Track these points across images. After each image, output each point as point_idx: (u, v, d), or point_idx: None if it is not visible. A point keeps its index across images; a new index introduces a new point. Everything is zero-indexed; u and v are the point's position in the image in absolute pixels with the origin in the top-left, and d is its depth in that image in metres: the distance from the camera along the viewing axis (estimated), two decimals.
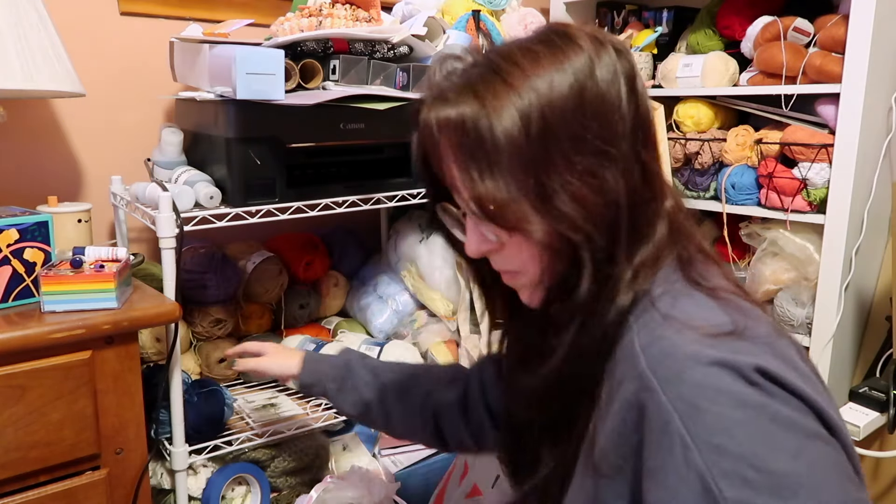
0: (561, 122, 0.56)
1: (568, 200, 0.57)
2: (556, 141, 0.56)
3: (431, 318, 1.52)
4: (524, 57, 0.58)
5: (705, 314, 0.56)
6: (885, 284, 1.52)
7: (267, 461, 1.28)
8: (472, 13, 1.43)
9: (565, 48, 0.58)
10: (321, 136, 1.21)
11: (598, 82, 0.58)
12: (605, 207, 0.58)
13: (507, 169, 0.57)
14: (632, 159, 0.59)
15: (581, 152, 0.57)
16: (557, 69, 0.57)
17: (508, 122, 0.56)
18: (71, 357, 0.93)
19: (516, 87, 0.57)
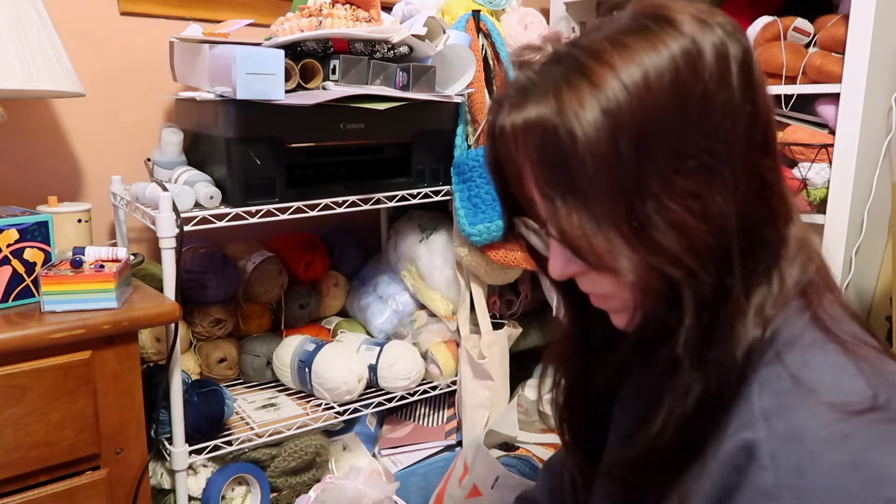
0: (656, 129, 0.47)
1: (666, 229, 0.47)
2: (651, 154, 0.47)
3: (431, 318, 1.52)
4: (615, 50, 0.48)
5: (841, 381, 0.46)
6: (885, 284, 1.52)
7: (267, 461, 1.28)
8: (472, 13, 1.43)
9: (663, 35, 0.48)
10: (321, 136, 1.21)
11: (702, 75, 0.47)
12: (711, 236, 0.48)
13: (592, 194, 0.48)
14: (746, 172, 0.49)
15: (682, 168, 0.47)
16: (653, 58, 0.47)
17: (593, 133, 0.47)
18: (71, 357, 0.93)
19: (602, 86, 0.47)
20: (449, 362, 1.46)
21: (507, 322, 1.54)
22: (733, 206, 0.48)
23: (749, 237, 0.49)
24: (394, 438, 1.50)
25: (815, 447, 0.43)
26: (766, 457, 0.44)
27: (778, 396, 0.47)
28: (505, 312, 1.57)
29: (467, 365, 1.45)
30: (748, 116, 0.49)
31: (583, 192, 0.48)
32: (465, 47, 1.31)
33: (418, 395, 1.44)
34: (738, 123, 0.48)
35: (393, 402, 1.40)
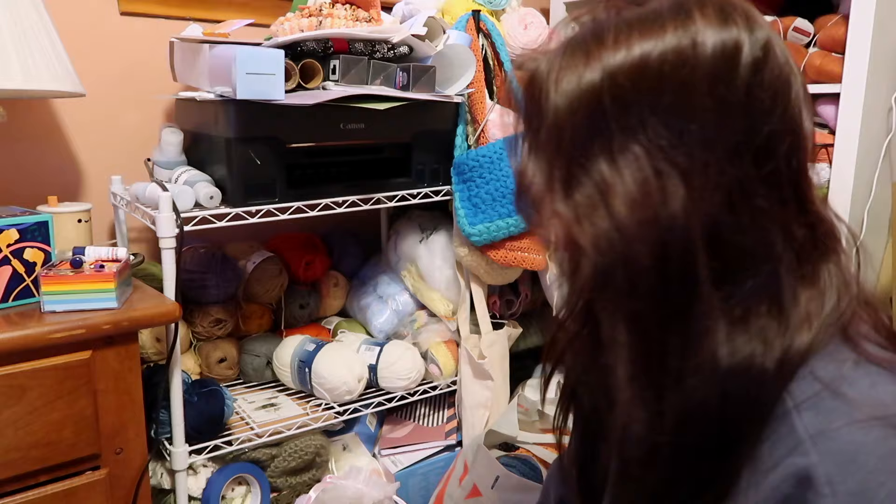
0: (619, 99, 0.47)
1: (599, 205, 0.47)
2: (605, 120, 0.48)
3: (431, 318, 1.52)
4: (620, 26, 0.49)
5: (885, 392, 0.44)
6: (885, 284, 1.52)
7: (267, 461, 1.28)
8: (472, 13, 1.43)
9: (671, 19, 0.48)
10: (321, 136, 1.21)
11: (694, 56, 0.47)
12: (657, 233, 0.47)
13: (544, 144, 0.51)
14: (722, 178, 0.46)
15: (634, 142, 0.47)
16: (645, 39, 0.48)
17: (561, 96, 0.49)
18: (71, 357, 0.93)
19: (588, 59, 0.49)
20: (449, 362, 1.46)
21: (507, 322, 1.54)
22: (691, 206, 0.46)
23: (718, 242, 0.47)
24: (394, 438, 1.50)
25: (873, 466, 0.41)
26: (824, 483, 0.41)
27: (821, 414, 0.44)
28: (505, 312, 1.57)
29: (467, 365, 1.45)
30: (742, 124, 0.47)
31: (539, 141, 0.51)
32: (465, 47, 1.31)
33: (418, 395, 1.44)
34: (730, 112, 0.47)
35: (393, 402, 1.40)
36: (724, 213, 0.47)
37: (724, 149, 0.47)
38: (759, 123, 0.47)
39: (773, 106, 0.48)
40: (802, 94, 0.50)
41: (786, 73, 0.49)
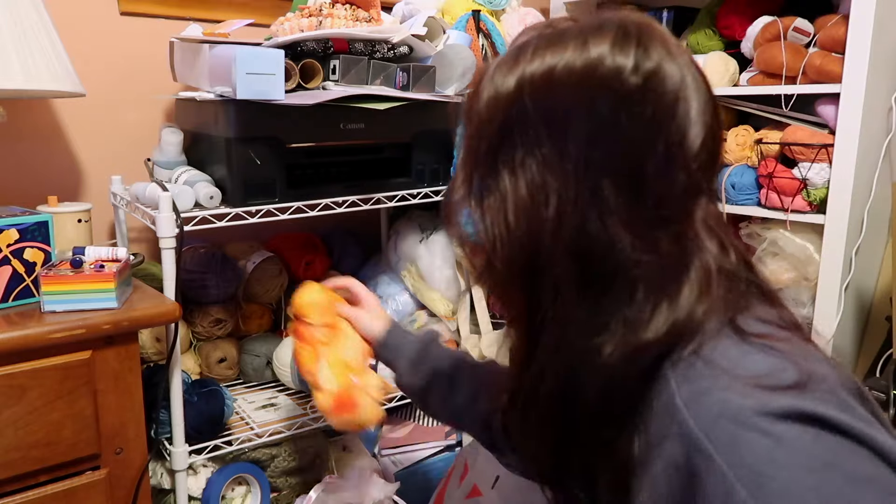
0: (519, 116, 0.53)
1: (497, 209, 0.54)
2: (508, 135, 0.53)
3: (431, 318, 1.52)
4: (540, 42, 0.54)
5: (757, 362, 0.48)
6: (885, 284, 1.52)
7: (267, 461, 1.28)
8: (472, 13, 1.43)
9: (575, 38, 0.52)
10: (321, 136, 1.21)
11: (578, 72, 0.51)
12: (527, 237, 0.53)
13: (465, 147, 0.58)
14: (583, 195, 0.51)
15: (528, 157, 0.53)
16: (551, 56, 0.52)
17: (481, 105, 0.56)
18: (71, 357, 0.93)
19: (506, 72, 0.54)
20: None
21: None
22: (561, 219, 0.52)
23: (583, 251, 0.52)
24: (394, 438, 1.50)
25: (741, 419, 0.44)
26: (703, 441, 0.45)
27: (694, 383, 0.48)
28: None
29: None
30: (616, 147, 0.51)
31: (467, 150, 0.58)
32: (465, 47, 1.31)
33: None
34: (597, 149, 0.51)
35: (393, 402, 1.40)
36: (592, 226, 0.51)
37: (598, 168, 0.51)
38: (633, 148, 0.51)
39: (651, 135, 0.51)
40: (694, 122, 0.52)
41: (668, 104, 0.51)
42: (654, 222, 0.52)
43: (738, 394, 0.45)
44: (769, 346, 0.49)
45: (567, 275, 0.52)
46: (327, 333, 0.98)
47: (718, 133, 0.55)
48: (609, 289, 0.52)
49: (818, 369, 0.48)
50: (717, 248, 0.54)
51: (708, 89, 0.54)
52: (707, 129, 0.52)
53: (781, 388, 0.45)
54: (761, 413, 0.44)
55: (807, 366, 0.47)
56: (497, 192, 0.55)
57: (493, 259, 0.56)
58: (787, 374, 0.46)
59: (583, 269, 0.52)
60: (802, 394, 0.45)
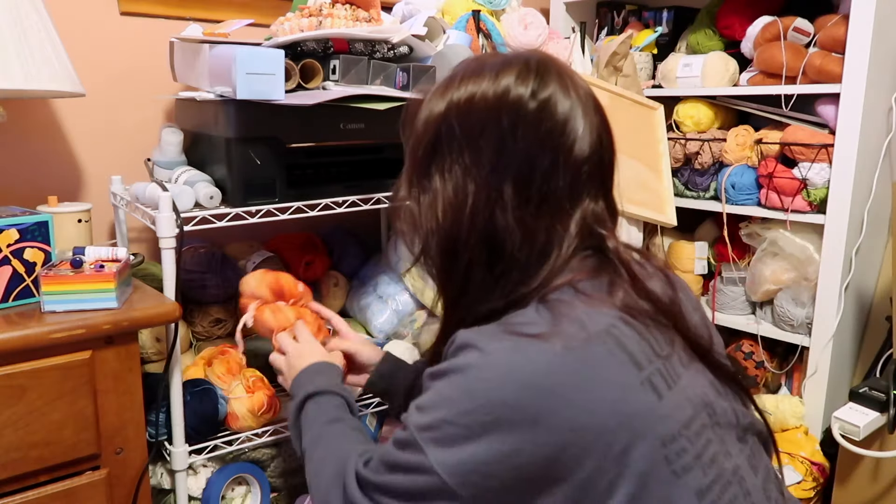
0: (449, 131, 0.68)
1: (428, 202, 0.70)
2: (441, 143, 0.68)
3: (431, 318, 1.52)
4: (467, 72, 0.69)
5: (528, 321, 0.63)
6: (885, 284, 1.52)
7: (267, 461, 1.28)
8: (472, 13, 1.43)
9: (491, 71, 0.67)
10: (321, 136, 1.21)
11: (487, 99, 0.66)
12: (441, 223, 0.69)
13: (407, 151, 0.73)
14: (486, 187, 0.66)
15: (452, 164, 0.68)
16: (472, 85, 0.67)
17: (421, 122, 0.71)
18: (71, 357, 0.93)
19: (440, 97, 0.70)
20: None
21: None
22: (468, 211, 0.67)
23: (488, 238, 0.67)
24: None
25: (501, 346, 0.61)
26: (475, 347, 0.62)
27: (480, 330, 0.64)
28: None
29: None
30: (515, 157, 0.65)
31: (407, 157, 0.73)
32: (465, 47, 1.32)
33: None
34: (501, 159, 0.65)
35: None
36: (497, 220, 0.66)
37: (502, 173, 0.65)
38: (527, 158, 0.65)
39: (542, 149, 0.65)
40: (581, 139, 0.66)
41: (559, 125, 0.66)
42: (537, 218, 0.66)
43: (488, 332, 0.63)
44: (552, 306, 0.64)
45: (479, 257, 0.67)
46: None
47: (608, 148, 0.69)
48: (504, 266, 0.67)
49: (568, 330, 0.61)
50: (577, 239, 0.67)
51: (598, 114, 0.69)
52: (593, 145, 0.67)
53: (518, 334, 0.61)
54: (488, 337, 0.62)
55: (560, 327, 0.61)
56: (430, 191, 0.69)
57: (426, 244, 0.71)
58: (535, 328, 0.61)
59: (489, 252, 0.67)
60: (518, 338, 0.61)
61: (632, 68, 1.57)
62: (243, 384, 1.24)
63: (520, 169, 0.65)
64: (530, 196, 0.65)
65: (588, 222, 0.68)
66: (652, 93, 1.65)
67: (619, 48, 1.52)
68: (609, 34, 1.83)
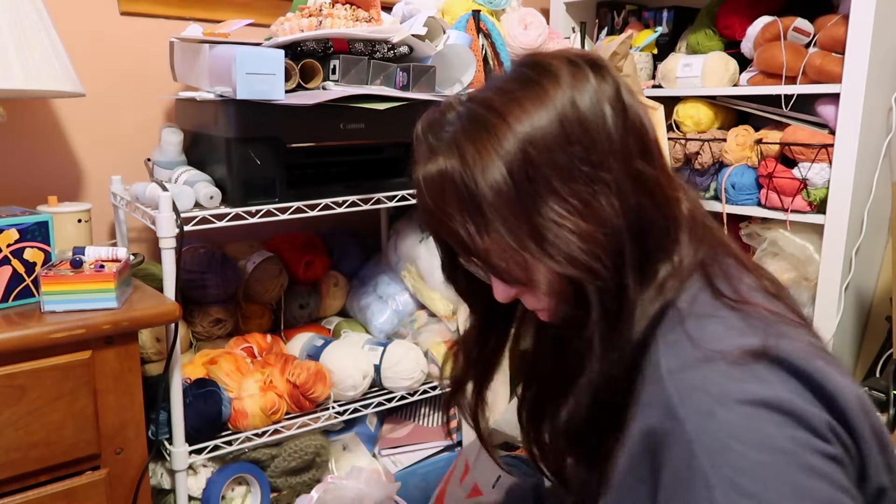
0: (545, 157, 0.56)
1: (565, 235, 0.56)
2: (543, 177, 0.56)
3: (431, 318, 1.52)
4: (502, 100, 0.58)
5: (732, 337, 0.53)
6: (885, 284, 1.52)
7: (267, 461, 1.28)
8: (472, 13, 1.43)
9: (542, 81, 0.58)
10: (321, 136, 1.21)
11: (579, 108, 0.57)
12: (603, 235, 0.56)
13: (500, 219, 0.57)
14: (625, 175, 0.58)
15: (569, 182, 0.56)
16: (537, 106, 0.57)
17: (492, 172, 0.56)
18: (71, 357, 0.93)
19: (497, 135, 0.57)
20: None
21: None
22: (618, 206, 0.57)
23: (640, 225, 0.58)
24: (394, 438, 1.50)
25: (719, 391, 0.49)
26: (678, 406, 0.49)
27: (679, 354, 0.53)
28: None
29: None
30: (621, 129, 0.58)
31: (491, 221, 0.58)
32: (465, 47, 1.32)
33: (419, 395, 1.44)
34: (612, 136, 0.58)
35: (393, 402, 1.40)
36: (636, 197, 0.58)
37: (621, 165, 0.58)
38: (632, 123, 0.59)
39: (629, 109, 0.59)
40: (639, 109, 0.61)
41: (622, 88, 0.60)
42: (659, 175, 0.60)
43: (717, 372, 0.50)
44: (747, 314, 0.55)
45: (631, 256, 0.57)
46: None
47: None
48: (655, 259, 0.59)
49: (792, 341, 0.52)
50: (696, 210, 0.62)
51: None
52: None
53: (753, 360, 0.50)
54: (735, 394, 0.48)
55: (781, 339, 0.52)
56: (555, 225, 0.57)
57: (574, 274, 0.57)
58: (762, 347, 0.51)
59: (641, 246, 0.58)
60: (772, 371, 0.50)
61: (632, 68, 1.57)
62: (258, 382, 1.23)
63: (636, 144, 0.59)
64: (653, 159, 0.60)
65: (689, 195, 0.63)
66: (652, 93, 1.65)
67: (619, 48, 1.52)
68: (609, 34, 1.83)
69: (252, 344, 1.38)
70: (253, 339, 1.40)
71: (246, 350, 1.37)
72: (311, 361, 1.31)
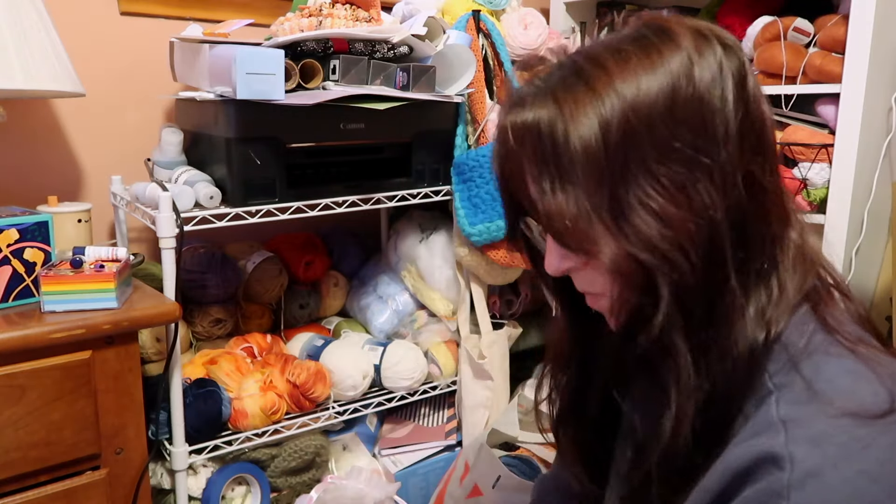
0: (646, 128, 0.50)
1: (647, 217, 0.50)
2: (638, 149, 0.50)
3: (431, 318, 1.52)
4: (612, 58, 0.53)
5: (857, 387, 0.47)
6: (885, 284, 1.52)
7: (267, 461, 1.28)
8: (472, 13, 1.43)
9: (661, 47, 0.52)
10: (321, 136, 1.21)
11: (696, 83, 0.51)
12: (695, 225, 0.50)
13: (580, 181, 0.51)
14: (736, 170, 0.51)
15: (667, 162, 0.50)
16: (648, 71, 0.51)
17: (586, 130, 0.51)
18: (71, 357, 0.93)
19: (599, 93, 0.51)
20: (449, 362, 1.46)
21: (507, 322, 1.54)
22: (719, 200, 0.50)
23: (739, 231, 0.51)
24: (394, 438, 1.50)
25: (836, 452, 0.44)
26: (786, 459, 0.45)
27: (797, 406, 0.47)
28: (505, 312, 1.57)
29: (467, 365, 1.45)
30: (740, 121, 0.51)
31: (570, 180, 0.52)
32: (465, 47, 1.31)
33: (418, 395, 1.44)
34: (728, 125, 0.51)
35: (393, 402, 1.40)
36: (743, 200, 0.51)
37: (729, 148, 0.51)
38: (756, 117, 0.52)
39: (755, 99, 0.53)
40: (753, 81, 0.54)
41: (749, 72, 0.53)
42: (772, 184, 0.53)
43: (839, 429, 0.45)
44: (865, 358, 0.49)
45: (731, 258, 0.51)
46: None
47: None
48: (752, 270, 0.52)
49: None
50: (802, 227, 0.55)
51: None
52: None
53: (879, 417, 0.45)
54: (853, 458, 0.44)
55: None
56: (641, 206, 0.51)
57: (653, 263, 0.51)
58: (889, 401, 0.46)
59: (743, 249, 0.52)
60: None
61: None
62: (258, 382, 1.24)
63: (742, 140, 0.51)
64: (770, 165, 0.53)
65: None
66: None
67: None
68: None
69: (252, 344, 1.39)
70: (253, 339, 1.40)
71: (246, 350, 1.37)
72: (311, 361, 1.31)
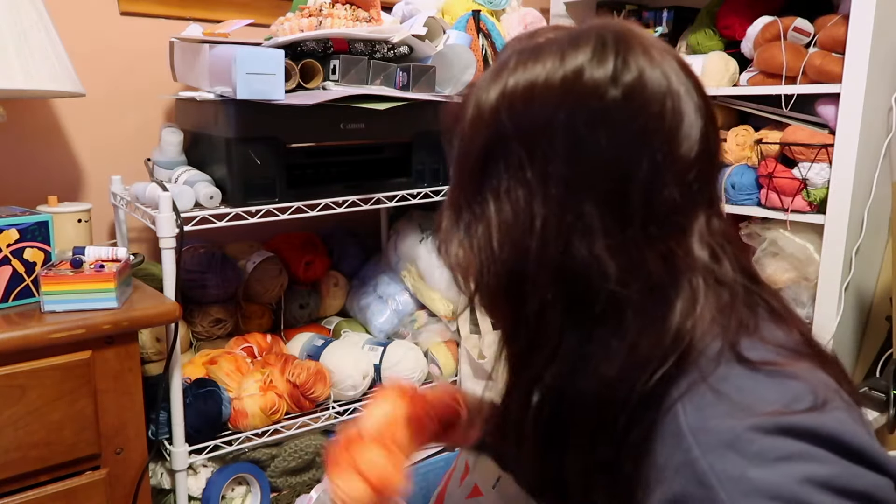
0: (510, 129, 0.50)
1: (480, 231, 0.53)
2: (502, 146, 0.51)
3: (431, 318, 1.52)
4: (523, 53, 0.51)
5: (766, 387, 0.45)
6: (885, 284, 1.52)
7: (267, 461, 1.28)
8: (472, 13, 1.43)
9: (556, 50, 0.50)
10: (321, 136, 1.21)
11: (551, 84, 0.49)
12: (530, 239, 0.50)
13: (454, 176, 0.56)
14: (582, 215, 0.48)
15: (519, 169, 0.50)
16: (532, 69, 0.50)
17: (466, 124, 0.53)
18: (71, 357, 0.93)
19: (492, 84, 0.52)
20: (449, 362, 1.46)
21: None
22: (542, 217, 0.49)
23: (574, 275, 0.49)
24: None
25: (752, 454, 0.42)
26: (708, 475, 0.43)
27: (702, 410, 0.45)
28: None
29: (467, 365, 1.45)
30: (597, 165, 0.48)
31: (453, 173, 0.56)
32: (465, 47, 1.32)
33: None
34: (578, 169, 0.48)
35: None
36: (577, 251, 0.49)
37: (580, 190, 0.48)
38: (615, 167, 0.48)
39: (631, 151, 0.48)
40: (686, 133, 0.48)
41: (653, 117, 0.47)
42: (641, 243, 0.48)
43: (747, 424, 0.43)
44: (778, 372, 0.46)
45: (554, 300, 0.50)
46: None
47: (715, 139, 0.50)
48: (597, 312, 0.50)
49: (831, 398, 0.45)
50: (714, 264, 0.50)
51: (700, 92, 0.50)
52: (702, 137, 0.49)
53: (797, 413, 0.43)
54: (773, 445, 0.42)
55: (822, 393, 0.45)
56: (483, 218, 0.52)
57: (481, 284, 0.54)
58: (802, 403, 0.44)
59: (570, 293, 0.50)
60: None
61: None
62: (258, 382, 1.24)
63: (605, 181, 0.48)
64: (626, 217, 0.48)
65: (713, 245, 0.51)
66: None
67: None
68: None
69: (252, 344, 1.39)
70: (253, 339, 1.40)
71: (246, 350, 1.37)
72: (311, 361, 1.31)
